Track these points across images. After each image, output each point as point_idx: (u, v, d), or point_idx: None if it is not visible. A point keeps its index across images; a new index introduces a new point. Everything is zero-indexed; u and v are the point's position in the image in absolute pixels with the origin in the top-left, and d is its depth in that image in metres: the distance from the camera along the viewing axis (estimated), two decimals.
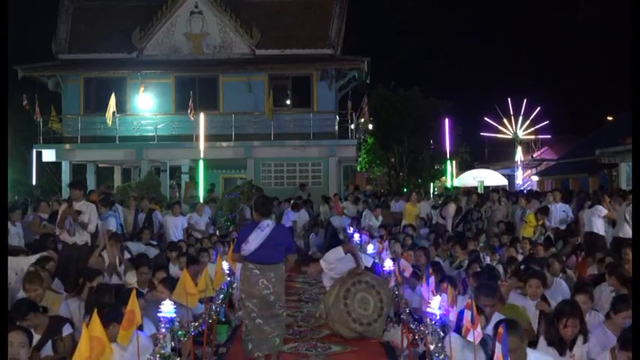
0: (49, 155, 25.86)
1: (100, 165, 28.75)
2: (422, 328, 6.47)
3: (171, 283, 7.65)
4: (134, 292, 6.27)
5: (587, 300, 6.48)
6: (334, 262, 9.35)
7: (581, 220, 14.36)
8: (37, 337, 6.24)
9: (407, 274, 9.99)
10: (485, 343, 5.35)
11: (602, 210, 13.55)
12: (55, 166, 26.97)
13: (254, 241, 7.34)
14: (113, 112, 23.73)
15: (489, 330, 5.66)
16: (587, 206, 14.20)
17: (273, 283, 7.41)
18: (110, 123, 23.80)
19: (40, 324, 6.38)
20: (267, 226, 7.44)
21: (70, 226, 10.34)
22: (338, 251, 9.36)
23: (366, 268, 9.57)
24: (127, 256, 10.62)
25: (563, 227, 15.02)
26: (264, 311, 7.39)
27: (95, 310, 5.15)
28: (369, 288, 9.05)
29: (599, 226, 13.49)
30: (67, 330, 6.50)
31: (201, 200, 21.39)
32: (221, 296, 8.72)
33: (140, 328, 5.86)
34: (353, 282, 8.99)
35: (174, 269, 10.35)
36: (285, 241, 7.67)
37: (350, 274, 9.13)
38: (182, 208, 16.85)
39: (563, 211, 15.44)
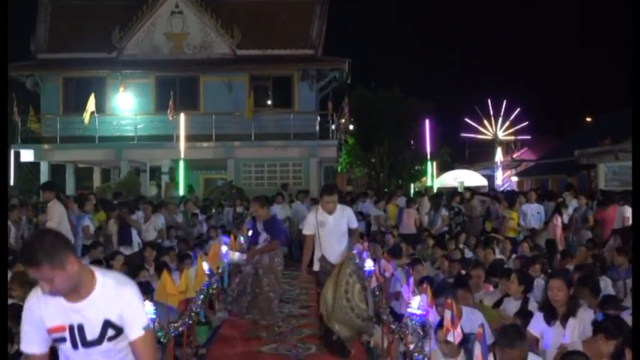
0: (27, 155, 25.59)
1: (79, 165, 28.51)
2: (402, 328, 6.47)
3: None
4: None
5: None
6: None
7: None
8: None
9: (387, 274, 10.01)
10: (467, 341, 5.34)
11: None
12: (34, 166, 26.72)
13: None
14: (92, 112, 23.52)
15: None
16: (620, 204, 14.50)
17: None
18: (87, 123, 23.55)
19: None
20: None
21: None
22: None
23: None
24: None
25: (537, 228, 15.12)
26: (276, 285, 9.06)
27: None
28: (360, 279, 7.99)
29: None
30: None
31: None
32: (201, 297, 8.66)
33: None
34: (350, 272, 7.76)
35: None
36: None
37: (343, 262, 8.02)
38: None
39: (538, 213, 15.47)
